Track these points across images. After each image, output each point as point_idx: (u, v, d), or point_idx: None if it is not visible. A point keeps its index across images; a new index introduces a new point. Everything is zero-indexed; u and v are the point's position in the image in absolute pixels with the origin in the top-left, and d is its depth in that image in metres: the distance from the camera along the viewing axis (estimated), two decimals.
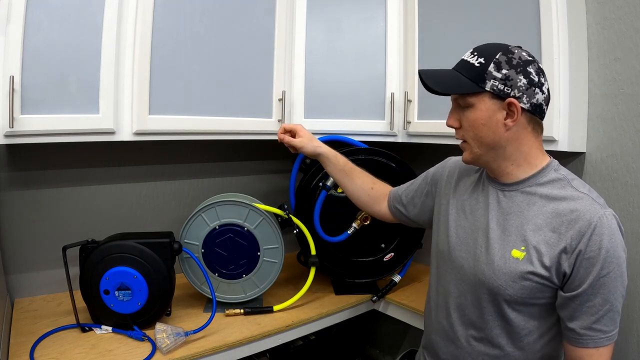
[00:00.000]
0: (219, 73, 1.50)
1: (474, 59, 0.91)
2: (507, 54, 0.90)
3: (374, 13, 1.68)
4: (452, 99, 0.98)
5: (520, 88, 0.89)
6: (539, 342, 0.94)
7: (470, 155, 0.97)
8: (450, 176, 1.13)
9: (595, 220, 0.84)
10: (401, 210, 1.24)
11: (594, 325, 0.85)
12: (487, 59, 0.90)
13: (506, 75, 0.88)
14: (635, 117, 1.27)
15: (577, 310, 0.86)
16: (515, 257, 0.90)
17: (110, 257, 1.25)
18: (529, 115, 0.91)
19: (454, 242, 1.03)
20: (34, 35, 1.16)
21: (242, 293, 1.48)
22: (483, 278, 0.94)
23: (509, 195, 0.96)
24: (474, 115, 0.92)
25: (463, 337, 1.00)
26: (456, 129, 0.98)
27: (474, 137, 0.94)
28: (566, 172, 0.95)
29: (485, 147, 0.94)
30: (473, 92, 0.91)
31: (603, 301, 0.84)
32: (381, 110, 1.69)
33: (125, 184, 1.67)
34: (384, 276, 1.69)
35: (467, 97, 0.92)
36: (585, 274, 0.84)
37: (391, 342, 2.11)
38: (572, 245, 0.85)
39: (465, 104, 0.93)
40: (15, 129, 1.14)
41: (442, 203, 1.11)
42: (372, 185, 1.30)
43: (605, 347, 0.86)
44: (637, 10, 1.26)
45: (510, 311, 0.92)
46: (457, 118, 0.97)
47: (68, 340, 1.22)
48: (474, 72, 0.91)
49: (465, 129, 0.96)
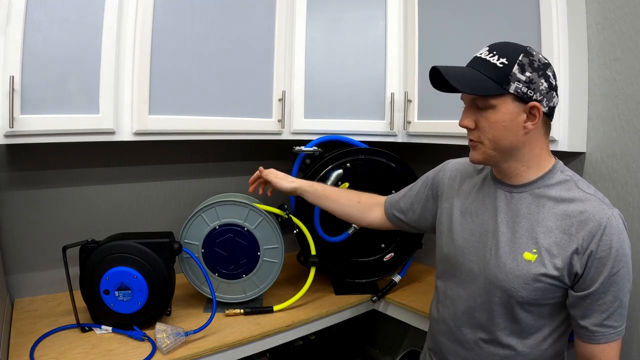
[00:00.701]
0: (218, 73, 1.50)
1: (495, 58, 0.89)
2: (528, 56, 0.89)
3: (374, 13, 1.68)
4: (467, 98, 0.94)
5: (542, 92, 0.88)
6: (548, 340, 0.94)
7: (482, 155, 0.95)
8: (452, 179, 1.12)
9: (605, 221, 0.85)
10: (400, 217, 1.24)
11: (605, 322, 0.87)
12: (510, 60, 0.88)
13: (530, 78, 0.87)
14: (635, 117, 1.27)
15: (588, 308, 0.88)
16: (528, 260, 0.91)
17: (110, 257, 1.25)
18: (545, 118, 0.91)
19: (461, 245, 1.03)
20: (34, 35, 1.16)
21: (242, 293, 1.48)
22: (495, 281, 0.94)
23: (518, 197, 0.96)
24: (495, 117, 0.90)
25: (472, 340, 1.00)
26: (470, 130, 0.95)
27: (493, 138, 0.91)
28: (572, 173, 0.95)
29: (501, 149, 0.92)
30: (497, 94, 0.88)
31: (613, 298, 0.86)
32: (381, 110, 1.69)
33: (125, 184, 1.67)
34: (384, 276, 1.69)
35: (490, 98, 0.89)
36: (597, 273, 0.85)
37: (391, 342, 2.11)
38: (583, 246, 0.86)
39: (486, 105, 0.90)
40: (15, 129, 1.14)
41: (445, 206, 1.10)
42: (358, 199, 1.31)
43: (615, 342, 0.88)
44: (637, 10, 1.26)
45: (522, 312, 0.93)
46: (472, 119, 0.93)
47: (68, 340, 1.22)
48: (497, 73, 0.88)
49: (483, 131, 0.92)
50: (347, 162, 1.57)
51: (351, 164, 1.57)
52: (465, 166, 1.12)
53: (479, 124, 0.92)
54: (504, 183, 0.98)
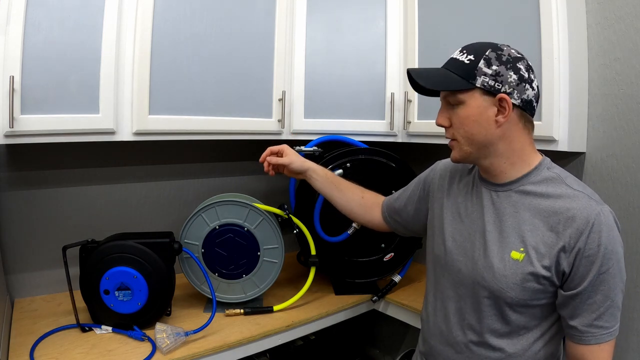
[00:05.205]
0: (218, 73, 1.50)
1: (464, 56, 0.91)
2: (496, 50, 0.90)
3: (374, 13, 1.68)
4: (441, 97, 0.97)
5: (510, 84, 0.89)
6: (539, 342, 0.93)
7: (459, 153, 0.96)
8: (442, 179, 1.12)
9: (592, 218, 0.84)
10: (395, 218, 1.24)
11: (596, 322, 0.85)
12: (477, 56, 0.90)
13: (496, 71, 0.89)
14: (635, 117, 1.27)
15: (578, 308, 0.86)
16: (515, 259, 0.90)
17: (110, 257, 1.25)
18: (519, 111, 0.91)
19: (451, 245, 1.02)
20: (34, 35, 1.16)
21: (242, 293, 1.48)
22: (483, 282, 0.94)
23: (503, 196, 0.95)
24: (464, 112, 0.92)
25: (462, 342, 0.99)
26: (446, 128, 0.97)
27: (465, 134, 0.93)
28: (559, 170, 0.95)
29: (476, 145, 0.93)
30: (463, 88, 0.90)
31: (604, 298, 0.84)
32: (381, 110, 1.69)
33: (125, 184, 1.67)
34: (384, 276, 1.69)
35: (458, 94, 0.91)
36: (585, 272, 0.84)
37: (391, 342, 2.11)
38: (570, 244, 0.85)
39: (456, 101, 0.92)
40: (15, 129, 1.14)
41: (436, 207, 1.10)
42: (362, 195, 1.30)
43: (607, 343, 0.86)
44: (637, 10, 1.26)
45: (512, 313, 0.92)
46: (447, 116, 0.96)
47: (68, 340, 1.22)
48: (464, 69, 0.90)
49: (455, 127, 0.94)
50: (347, 162, 1.57)
51: (351, 164, 1.57)
52: (456, 166, 1.12)
53: (452, 120, 0.95)
54: (489, 182, 0.99)
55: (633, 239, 1.26)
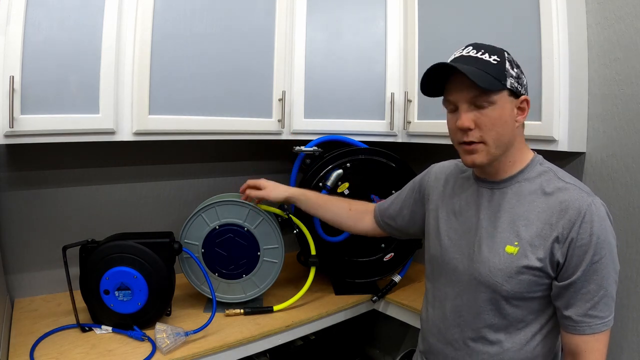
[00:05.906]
0: (218, 73, 1.50)
1: (487, 56, 0.90)
2: (508, 54, 0.93)
3: (374, 13, 1.68)
4: (463, 99, 0.91)
5: (525, 86, 0.94)
6: (538, 336, 0.94)
7: (486, 157, 0.92)
8: (437, 181, 1.14)
9: (584, 208, 0.86)
10: (390, 223, 1.25)
11: (590, 312, 0.86)
12: (501, 57, 0.91)
13: (517, 74, 0.92)
14: (635, 117, 1.27)
15: (572, 297, 0.87)
16: (510, 253, 0.91)
17: (110, 257, 1.25)
18: None
19: (446, 244, 1.04)
20: (34, 35, 1.16)
21: (242, 293, 1.48)
22: (479, 277, 0.95)
23: (500, 193, 0.97)
24: (496, 113, 0.89)
25: (460, 339, 1.00)
26: (470, 131, 0.91)
27: (496, 136, 0.90)
28: (550, 165, 0.97)
29: (503, 147, 0.93)
30: (498, 88, 0.89)
31: (597, 287, 0.86)
32: (381, 110, 1.69)
33: (125, 184, 1.67)
34: (384, 276, 1.69)
35: (492, 94, 0.89)
36: (578, 261, 0.86)
37: (391, 342, 2.11)
38: (563, 234, 0.87)
39: (487, 101, 0.89)
40: (15, 129, 1.14)
41: (432, 209, 1.12)
42: (349, 207, 1.32)
43: (602, 333, 0.87)
44: (637, 10, 1.26)
45: (508, 307, 0.93)
46: (472, 119, 0.90)
47: (68, 340, 1.22)
48: (494, 69, 0.89)
49: (485, 129, 0.90)
50: (347, 162, 1.57)
51: (351, 164, 1.57)
52: (449, 168, 1.14)
53: (480, 122, 0.90)
54: (486, 180, 1.00)
55: (633, 239, 1.26)
